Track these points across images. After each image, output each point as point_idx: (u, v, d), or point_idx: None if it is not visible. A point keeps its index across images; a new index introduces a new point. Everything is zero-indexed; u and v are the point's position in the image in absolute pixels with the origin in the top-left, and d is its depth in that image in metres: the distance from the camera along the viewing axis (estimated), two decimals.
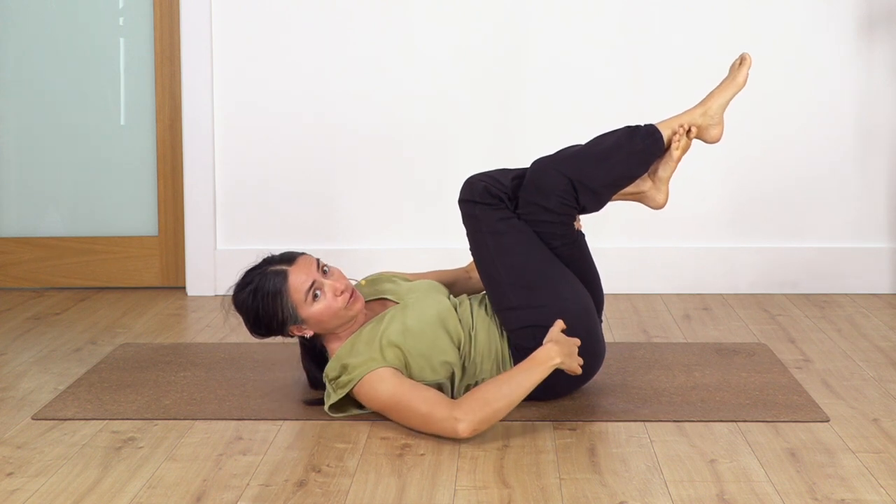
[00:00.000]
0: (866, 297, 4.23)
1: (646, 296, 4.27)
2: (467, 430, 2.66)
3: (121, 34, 4.40)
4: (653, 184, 3.09)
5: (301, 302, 2.83)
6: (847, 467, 2.53)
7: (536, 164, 2.99)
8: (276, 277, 2.85)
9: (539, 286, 2.91)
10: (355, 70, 4.29)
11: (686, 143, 3.07)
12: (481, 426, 2.67)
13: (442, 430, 2.68)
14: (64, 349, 3.57)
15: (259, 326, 2.89)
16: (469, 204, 2.99)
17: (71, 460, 2.60)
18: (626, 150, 2.98)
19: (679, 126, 3.05)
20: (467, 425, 2.66)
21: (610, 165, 2.96)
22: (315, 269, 2.87)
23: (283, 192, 4.34)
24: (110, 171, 4.44)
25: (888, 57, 4.22)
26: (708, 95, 3.12)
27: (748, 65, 3.11)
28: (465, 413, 2.66)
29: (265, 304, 2.84)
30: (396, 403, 2.74)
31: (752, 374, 3.21)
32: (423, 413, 2.70)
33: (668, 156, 3.06)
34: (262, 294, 2.85)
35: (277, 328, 2.88)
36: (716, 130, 3.10)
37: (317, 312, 2.84)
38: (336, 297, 2.85)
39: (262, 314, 2.86)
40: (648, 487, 2.43)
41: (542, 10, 4.24)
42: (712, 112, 3.09)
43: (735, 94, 3.11)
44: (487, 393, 2.70)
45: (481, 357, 2.91)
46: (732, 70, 3.13)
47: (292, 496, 2.40)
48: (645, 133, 3.01)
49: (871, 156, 4.27)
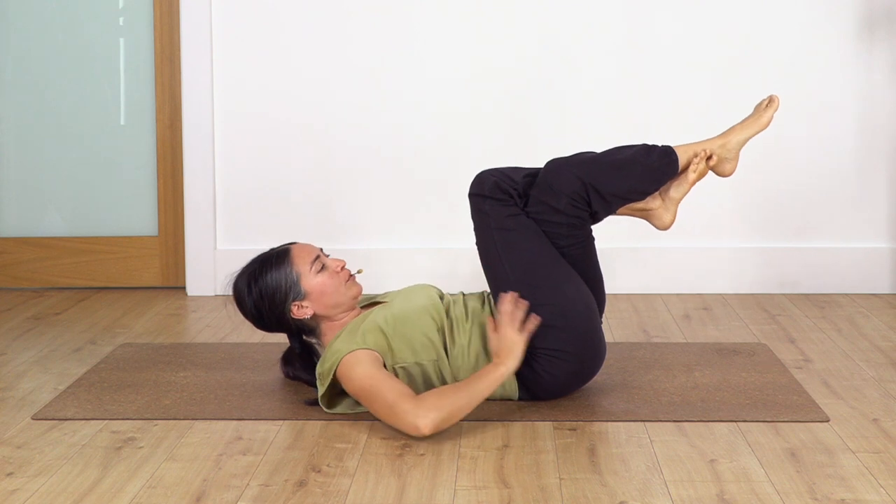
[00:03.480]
0: (866, 297, 4.23)
1: (646, 296, 4.27)
2: (429, 427, 2.67)
3: (121, 34, 4.40)
4: (662, 203, 3.11)
5: (306, 272, 2.92)
6: (847, 467, 2.53)
7: (551, 164, 2.99)
8: (281, 251, 2.98)
9: (544, 284, 2.91)
10: (355, 70, 4.29)
11: (704, 168, 3.10)
12: (442, 424, 2.69)
13: (404, 423, 2.68)
14: (64, 349, 3.57)
15: (262, 300, 2.93)
16: (478, 198, 2.99)
17: (71, 460, 2.60)
18: (642, 165, 3.00)
19: (701, 150, 3.08)
20: (429, 422, 2.66)
21: (624, 176, 2.98)
22: (316, 250, 2.99)
23: (284, 191, 4.34)
24: (110, 171, 4.44)
25: (888, 57, 4.22)
26: (729, 129, 3.14)
27: (775, 107, 3.13)
28: (427, 410, 2.68)
29: (270, 272, 2.93)
30: (368, 388, 2.76)
31: (752, 374, 3.21)
32: (389, 402, 2.71)
33: (682, 177, 3.09)
34: (269, 262, 2.95)
35: (280, 302, 2.92)
36: (730, 165, 3.14)
37: (319, 283, 2.92)
38: (337, 273, 2.95)
39: (266, 285, 2.92)
40: (648, 487, 2.43)
41: (548, 16, 4.24)
42: (730, 146, 3.11)
43: (756, 134, 3.14)
44: (451, 395, 2.73)
45: (467, 349, 2.91)
46: (758, 110, 3.14)
47: (292, 496, 2.40)
48: (662, 152, 3.04)
49: (872, 156, 4.27)
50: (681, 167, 3.07)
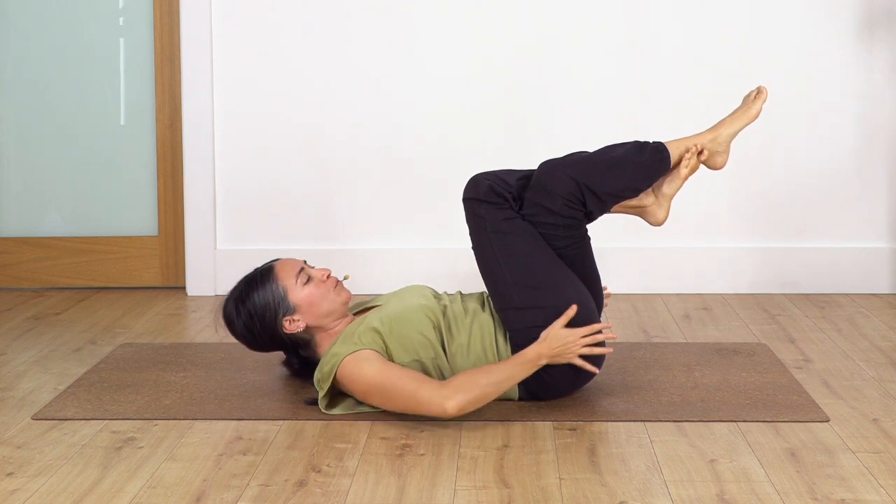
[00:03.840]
0: (866, 297, 4.23)
1: (646, 296, 4.27)
2: (455, 408, 2.70)
3: (121, 34, 4.40)
4: (655, 199, 3.11)
5: (292, 285, 2.93)
6: (847, 467, 2.53)
7: (544, 165, 2.99)
8: (264, 269, 2.98)
9: (543, 287, 2.91)
10: (355, 70, 4.29)
11: (695, 163, 3.10)
12: (468, 406, 2.72)
13: (429, 408, 2.71)
14: (64, 349, 3.57)
15: (252, 321, 2.92)
16: (473, 202, 2.99)
17: (71, 460, 2.60)
18: (634, 163, 3.00)
19: (692, 145, 3.07)
20: (456, 403, 2.70)
21: (617, 175, 2.98)
22: (300, 262, 3.00)
23: (284, 191, 4.33)
24: (110, 171, 4.44)
25: (888, 57, 4.22)
26: (719, 122, 3.14)
27: (763, 98, 3.13)
28: (454, 391, 2.72)
29: (257, 292, 2.93)
30: (382, 382, 2.77)
31: (752, 374, 3.21)
32: (410, 390, 2.73)
33: (675, 173, 3.09)
34: (254, 281, 2.95)
35: (270, 319, 2.91)
36: (721, 158, 3.13)
37: (307, 294, 2.92)
38: (323, 281, 2.95)
39: (255, 304, 2.92)
40: (648, 487, 2.43)
41: (548, 16, 4.24)
42: (721, 139, 3.11)
43: (746, 126, 3.14)
44: (476, 377, 2.76)
45: (466, 347, 2.92)
46: (746, 101, 3.14)
47: (292, 496, 2.40)
48: (653, 149, 3.03)
49: (872, 156, 4.27)
50: (672, 163, 3.08)
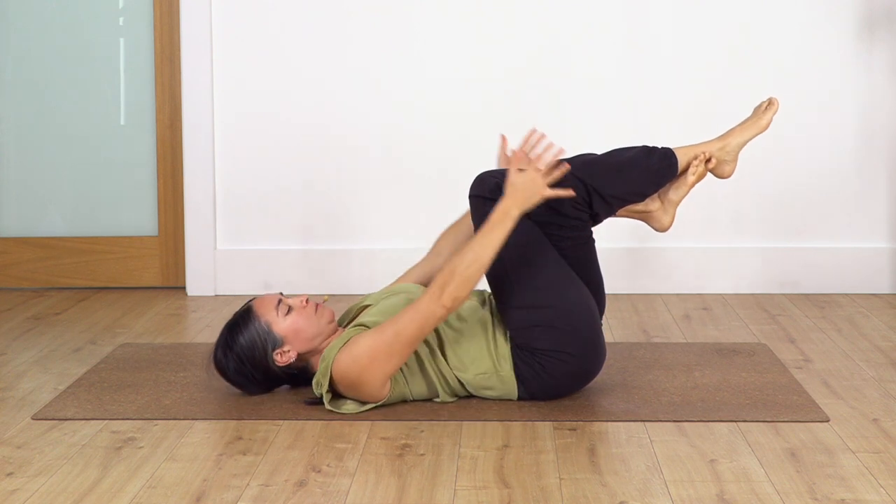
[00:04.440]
0: (866, 297, 4.23)
1: (646, 296, 4.27)
2: (448, 301, 2.76)
3: (121, 34, 4.40)
4: (661, 205, 3.12)
5: (274, 318, 2.91)
6: (847, 467, 2.53)
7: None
8: (243, 311, 2.97)
9: (545, 286, 2.91)
10: (355, 70, 4.29)
11: (703, 170, 3.10)
12: (461, 292, 2.76)
13: (433, 318, 2.76)
14: (64, 349, 3.57)
15: (243, 364, 2.93)
16: (480, 200, 2.99)
17: (71, 460, 2.60)
18: (642, 167, 3.00)
19: (701, 153, 3.08)
20: (448, 297, 2.75)
21: (624, 178, 2.99)
22: (276, 295, 2.98)
23: (284, 191, 4.33)
24: (110, 171, 4.44)
25: (888, 57, 4.22)
26: (728, 132, 3.14)
27: (774, 110, 3.14)
28: (439, 289, 2.76)
29: (241, 334, 2.92)
30: (381, 339, 2.79)
31: (752, 374, 3.21)
32: (408, 318, 2.77)
33: (682, 180, 3.09)
34: (236, 325, 2.94)
35: (261, 357, 2.92)
36: (729, 167, 3.14)
37: (291, 323, 2.91)
38: (304, 307, 2.94)
39: (242, 347, 2.91)
40: (648, 487, 2.43)
41: (548, 16, 4.24)
42: (729, 149, 3.12)
43: (756, 136, 3.14)
44: (454, 265, 2.78)
45: (463, 346, 2.91)
46: (757, 112, 3.15)
47: (292, 496, 2.40)
48: (662, 154, 3.04)
49: (872, 156, 4.27)
50: (680, 169, 3.08)
